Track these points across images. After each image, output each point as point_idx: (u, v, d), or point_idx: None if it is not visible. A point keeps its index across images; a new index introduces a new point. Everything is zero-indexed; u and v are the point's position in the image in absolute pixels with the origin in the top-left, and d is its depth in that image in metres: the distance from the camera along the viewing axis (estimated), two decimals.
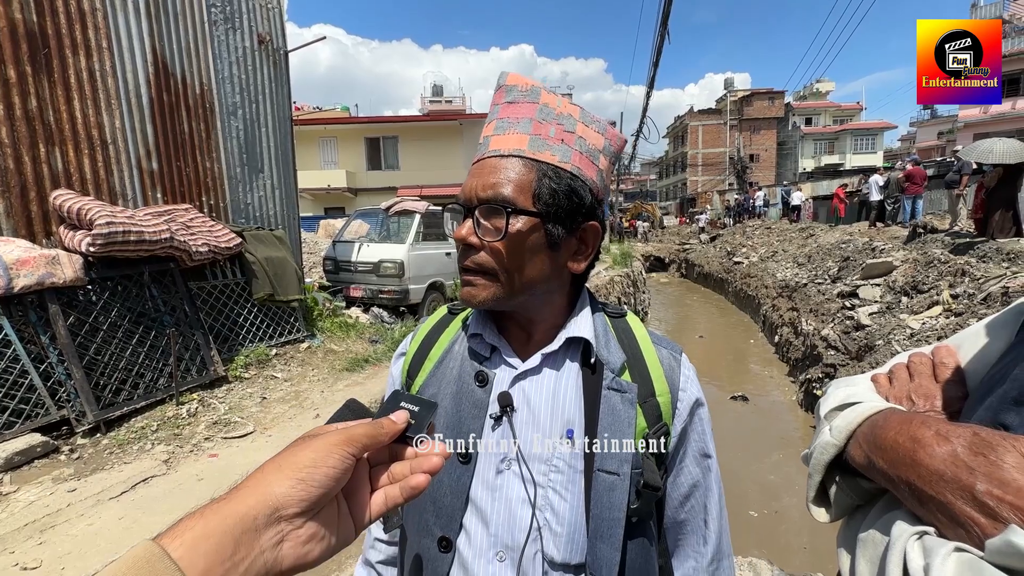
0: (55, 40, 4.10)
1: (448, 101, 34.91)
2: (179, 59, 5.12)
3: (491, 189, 0.64)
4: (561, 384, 0.69)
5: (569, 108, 0.68)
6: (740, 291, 13.80)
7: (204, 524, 0.32)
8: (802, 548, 3.62)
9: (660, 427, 0.68)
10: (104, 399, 3.71)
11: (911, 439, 0.41)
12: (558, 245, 0.67)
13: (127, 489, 2.99)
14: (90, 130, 4.34)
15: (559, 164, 0.65)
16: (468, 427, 0.69)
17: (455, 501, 0.67)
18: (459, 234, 0.66)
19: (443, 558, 0.67)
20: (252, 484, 0.36)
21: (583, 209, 0.67)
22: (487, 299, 0.66)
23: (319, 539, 0.38)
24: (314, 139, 19.86)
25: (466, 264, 0.67)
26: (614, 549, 0.63)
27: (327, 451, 0.38)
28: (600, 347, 0.70)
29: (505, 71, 0.71)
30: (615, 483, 0.63)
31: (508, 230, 0.63)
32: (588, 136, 0.68)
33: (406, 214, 7.80)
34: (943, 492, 0.37)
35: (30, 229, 3.96)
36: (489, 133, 0.68)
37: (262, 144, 6.19)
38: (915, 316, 6.00)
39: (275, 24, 6.38)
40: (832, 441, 0.50)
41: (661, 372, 0.71)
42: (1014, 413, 0.41)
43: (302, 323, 5.84)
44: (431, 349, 0.78)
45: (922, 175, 11.33)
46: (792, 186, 22.65)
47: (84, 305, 3.82)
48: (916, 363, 0.56)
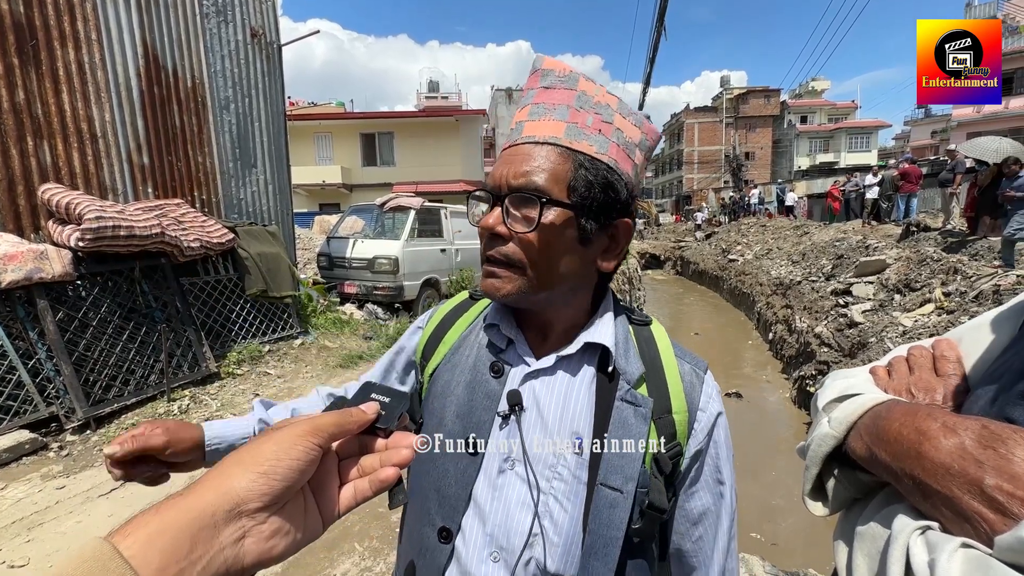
0: (43, 32, 4.04)
1: (444, 97, 34.80)
2: (170, 52, 5.05)
3: (524, 177, 0.60)
4: (573, 389, 0.66)
5: (607, 97, 0.65)
6: (735, 289, 13.85)
7: (159, 520, 0.31)
8: (795, 544, 3.64)
9: (673, 446, 0.64)
10: (94, 396, 3.68)
11: (916, 431, 0.39)
12: (589, 241, 0.64)
13: (117, 486, 2.96)
14: (79, 123, 4.28)
15: (596, 155, 0.62)
16: (479, 418, 0.66)
17: (459, 492, 0.65)
18: (486, 223, 0.62)
19: (442, 549, 0.66)
20: (212, 479, 0.35)
21: (618, 204, 0.64)
22: (511, 293, 0.63)
23: (284, 534, 0.37)
24: (309, 135, 19.74)
25: (491, 255, 0.63)
26: (607, 568, 0.60)
27: (291, 443, 0.37)
28: (619, 356, 0.66)
29: (540, 55, 0.67)
30: (617, 500, 0.60)
31: (541, 221, 0.60)
32: (626, 128, 0.65)
33: (401, 210, 7.75)
34: (949, 486, 0.35)
35: (18, 223, 3.91)
36: (523, 118, 0.64)
37: (255, 139, 6.13)
38: (907, 314, 6.04)
39: (268, 17, 6.32)
40: (831, 433, 0.48)
41: (681, 388, 0.67)
42: (1021, 408, 0.40)
43: (295, 320, 5.81)
44: (447, 332, 0.76)
45: (917, 174, 11.38)
46: (787, 184, 22.73)
47: (73, 300, 3.78)
48: (916, 356, 0.55)
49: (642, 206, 33.09)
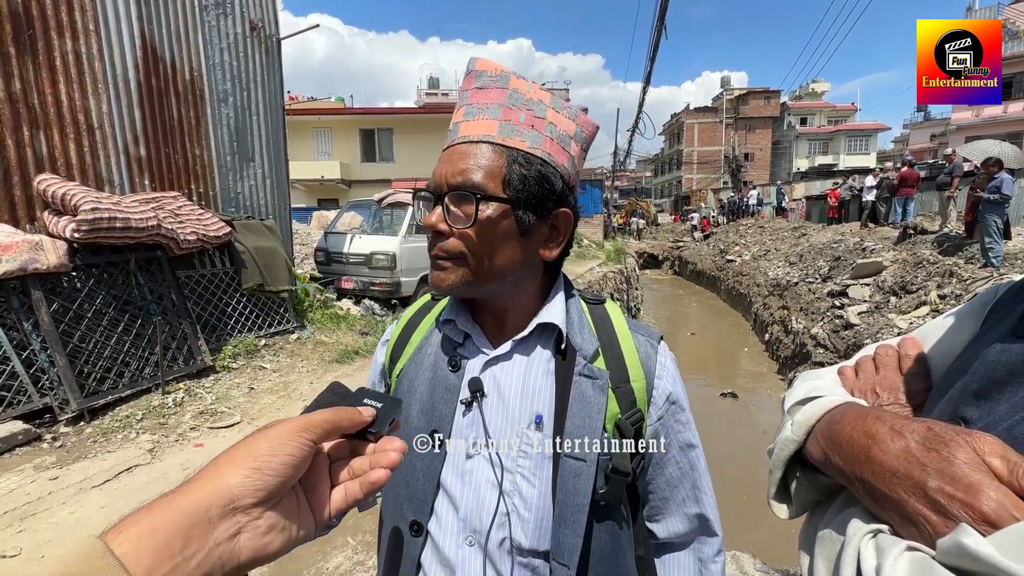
0: (40, 21, 4.01)
1: (444, 94, 34.73)
2: (168, 44, 5.02)
3: (460, 175, 0.63)
4: (532, 370, 0.69)
5: (540, 94, 0.67)
6: (732, 289, 13.89)
7: (152, 518, 0.31)
8: (785, 542, 3.66)
9: (634, 412, 0.68)
10: (88, 387, 3.66)
11: (865, 435, 0.40)
12: (529, 232, 0.66)
13: (110, 478, 2.96)
14: (76, 114, 4.25)
15: (529, 150, 0.64)
16: (441, 412, 0.69)
17: (427, 485, 0.68)
18: (428, 221, 0.66)
19: (415, 542, 0.68)
20: (205, 475, 0.35)
21: (554, 195, 0.66)
22: (455, 283, 0.65)
23: (279, 530, 0.37)
24: (308, 130, 19.66)
25: (435, 252, 0.66)
26: (576, 535, 0.63)
27: (285, 438, 0.37)
28: (573, 333, 0.70)
29: (474, 56, 0.70)
30: (581, 469, 0.63)
31: (478, 216, 0.62)
32: (559, 122, 0.67)
33: (399, 206, 7.74)
34: (896, 489, 0.36)
35: (13, 214, 3.88)
36: (459, 119, 0.67)
37: (253, 132, 6.10)
38: (903, 316, 6.07)
39: (268, 10, 6.28)
40: (792, 437, 0.49)
41: (637, 359, 0.71)
42: (974, 407, 0.40)
43: (292, 314, 5.79)
44: (412, 334, 0.79)
45: (915, 177, 11.42)
46: (784, 185, 22.78)
47: (68, 292, 3.76)
48: (882, 355, 0.56)
49: (641, 206, 33.10)
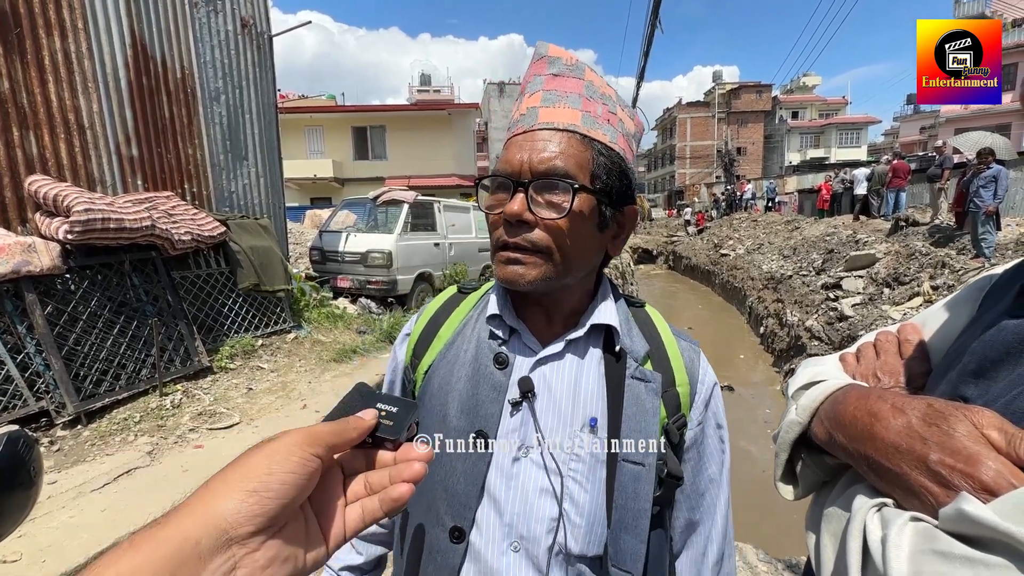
0: (27, 20, 3.95)
1: (436, 91, 34.51)
2: (159, 41, 4.96)
3: (549, 163, 0.60)
4: (583, 372, 0.67)
5: (608, 89, 0.66)
6: (727, 283, 13.95)
7: (131, 558, 0.27)
8: (787, 533, 3.70)
9: (679, 418, 0.67)
10: (85, 390, 3.64)
11: (868, 413, 0.41)
12: (606, 227, 0.65)
13: (110, 481, 2.94)
14: (66, 114, 4.20)
15: (610, 144, 0.63)
16: (486, 411, 0.65)
17: (470, 489, 0.64)
18: (511, 209, 0.60)
19: (455, 549, 0.64)
20: (195, 501, 0.31)
21: (629, 191, 0.66)
22: (537, 278, 0.61)
23: (282, 561, 0.32)
24: (300, 128, 19.51)
25: (515, 242, 0.61)
26: (640, 540, 0.61)
27: (285, 454, 0.33)
28: (624, 335, 0.68)
29: (543, 41, 0.67)
30: (640, 473, 0.62)
31: (572, 207, 0.60)
32: (625, 120, 0.67)
33: (394, 204, 7.71)
34: (899, 463, 0.37)
35: (4, 216, 3.83)
36: (535, 104, 0.63)
37: (246, 131, 6.05)
38: (897, 307, 6.13)
39: (259, 7, 6.22)
40: (797, 419, 0.50)
41: (682, 363, 0.70)
42: (972, 385, 0.42)
43: (288, 313, 5.77)
44: (440, 328, 0.74)
45: (906, 169, 11.51)
46: (776, 179, 22.92)
47: (63, 294, 3.72)
48: (882, 341, 0.58)
49: None
